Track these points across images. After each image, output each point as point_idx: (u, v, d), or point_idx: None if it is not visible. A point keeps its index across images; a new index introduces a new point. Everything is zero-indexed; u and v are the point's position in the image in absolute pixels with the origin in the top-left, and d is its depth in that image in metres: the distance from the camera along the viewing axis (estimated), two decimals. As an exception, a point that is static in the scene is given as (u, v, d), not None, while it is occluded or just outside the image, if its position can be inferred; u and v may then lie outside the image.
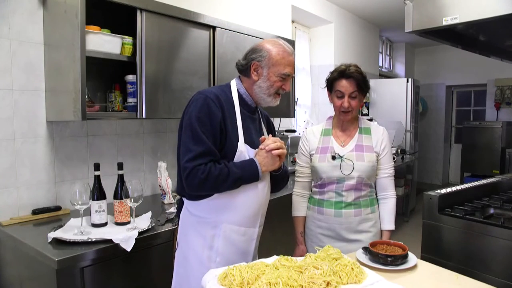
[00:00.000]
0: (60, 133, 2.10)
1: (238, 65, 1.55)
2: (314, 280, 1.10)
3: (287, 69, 1.50)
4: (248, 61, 1.50)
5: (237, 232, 1.50)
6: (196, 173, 1.37)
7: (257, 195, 1.53)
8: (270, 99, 1.53)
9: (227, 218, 1.48)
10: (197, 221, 1.49)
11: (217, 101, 1.44)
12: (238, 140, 1.47)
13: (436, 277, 1.36)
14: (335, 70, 1.79)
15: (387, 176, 1.85)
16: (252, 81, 1.52)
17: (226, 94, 1.50)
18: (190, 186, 1.41)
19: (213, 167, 1.38)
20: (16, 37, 1.92)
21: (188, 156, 1.38)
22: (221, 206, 1.47)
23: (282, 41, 1.54)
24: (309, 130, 1.95)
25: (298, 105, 4.22)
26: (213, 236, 1.48)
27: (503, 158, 5.83)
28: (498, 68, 6.19)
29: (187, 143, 1.41)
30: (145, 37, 2.04)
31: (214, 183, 1.39)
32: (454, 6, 1.67)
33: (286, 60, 1.49)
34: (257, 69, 1.49)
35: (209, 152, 1.40)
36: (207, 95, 1.44)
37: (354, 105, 1.76)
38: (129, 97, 2.11)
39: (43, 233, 1.67)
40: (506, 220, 1.78)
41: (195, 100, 1.44)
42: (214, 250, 1.47)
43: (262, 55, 1.47)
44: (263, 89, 1.51)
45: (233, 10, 3.20)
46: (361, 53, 5.44)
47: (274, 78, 1.49)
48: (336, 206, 1.79)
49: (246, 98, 1.55)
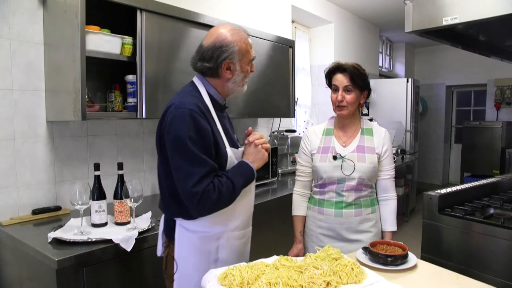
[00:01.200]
0: (60, 133, 2.10)
1: (204, 69, 1.41)
2: (314, 280, 1.10)
3: (252, 52, 1.46)
4: (218, 62, 1.39)
5: (238, 237, 1.47)
6: (208, 196, 1.27)
7: (250, 196, 1.52)
8: (244, 87, 1.49)
9: (230, 226, 1.44)
10: (198, 237, 1.39)
11: (202, 113, 1.33)
12: (226, 146, 1.41)
13: (436, 277, 1.36)
14: (332, 64, 1.81)
15: (388, 178, 1.84)
16: (224, 80, 1.42)
17: (201, 101, 1.38)
18: (202, 210, 1.32)
19: (219, 184, 1.31)
20: (16, 37, 1.92)
21: (192, 180, 1.26)
22: (224, 216, 1.41)
23: (235, 25, 1.47)
24: (311, 129, 1.94)
25: (298, 105, 4.22)
26: (217, 248, 1.42)
27: (503, 158, 5.84)
28: (498, 68, 6.19)
29: (185, 166, 1.28)
30: (145, 37, 2.04)
31: (225, 200, 1.34)
32: (454, 6, 1.67)
33: (249, 45, 1.44)
34: (229, 67, 1.40)
35: (213, 169, 1.32)
36: (190, 109, 1.30)
37: (349, 100, 1.75)
38: (129, 97, 2.11)
39: (43, 233, 1.67)
40: (506, 220, 1.78)
41: (178, 117, 1.30)
42: (219, 262, 1.42)
43: (232, 51, 1.38)
44: (237, 83, 1.45)
45: (233, 10, 3.20)
46: (361, 53, 5.44)
47: (246, 67, 1.45)
48: (336, 206, 1.79)
49: (216, 98, 1.46)
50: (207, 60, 1.40)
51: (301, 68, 4.57)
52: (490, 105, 6.84)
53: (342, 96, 1.75)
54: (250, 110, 2.86)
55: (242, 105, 2.76)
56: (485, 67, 6.42)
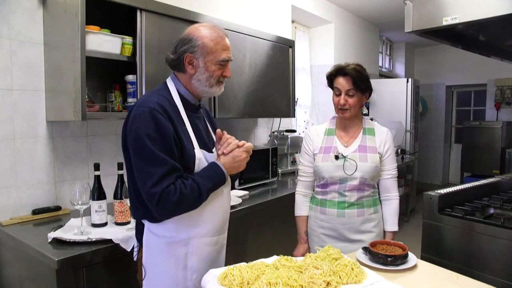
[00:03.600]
0: (60, 133, 2.10)
1: (169, 61, 1.39)
2: (314, 280, 1.10)
3: (224, 54, 1.37)
4: (179, 54, 1.34)
5: (209, 243, 1.39)
6: (167, 197, 1.21)
7: (224, 201, 1.45)
8: (213, 89, 1.40)
9: (199, 232, 1.36)
10: (166, 242, 1.34)
11: (164, 112, 1.28)
12: (194, 147, 1.35)
13: (436, 277, 1.36)
14: (333, 67, 1.81)
15: (390, 178, 1.84)
16: (188, 76, 1.37)
17: (167, 99, 1.34)
18: (162, 212, 1.26)
19: (182, 185, 1.25)
20: (16, 37, 1.92)
21: (151, 180, 1.22)
22: (191, 221, 1.34)
23: (216, 26, 1.41)
24: (313, 129, 1.94)
25: (298, 105, 4.22)
26: (186, 255, 1.35)
27: (503, 158, 5.83)
28: (498, 68, 6.19)
29: (143, 166, 1.24)
30: (145, 37, 2.04)
31: (188, 203, 1.27)
32: (454, 6, 1.67)
33: (221, 45, 1.36)
34: (191, 61, 1.35)
35: (173, 169, 1.25)
36: (150, 107, 1.26)
37: (352, 103, 1.75)
38: (129, 97, 2.11)
39: (43, 233, 1.67)
40: (506, 220, 1.78)
41: (138, 116, 1.26)
42: (189, 268, 1.36)
43: (195, 45, 1.33)
44: (202, 82, 1.37)
45: (233, 10, 3.20)
46: (361, 53, 5.44)
47: (213, 67, 1.36)
48: (339, 206, 1.79)
49: (188, 98, 1.41)
50: (172, 52, 1.39)
51: (301, 68, 4.57)
52: (490, 105, 6.84)
53: (345, 100, 1.75)
54: (250, 110, 2.86)
55: (242, 105, 2.76)
56: (485, 67, 6.41)
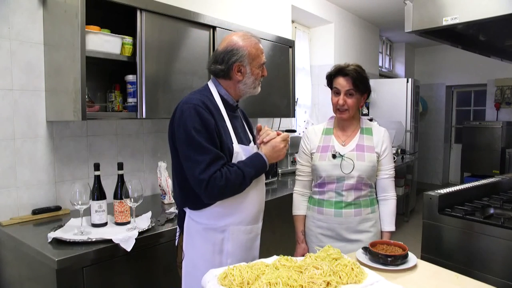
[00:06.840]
0: (60, 133, 2.10)
1: (216, 71, 1.53)
2: (314, 280, 1.10)
3: (263, 57, 1.56)
4: (229, 64, 1.49)
5: (244, 231, 1.53)
6: (215, 182, 1.36)
7: (259, 192, 1.58)
8: (257, 89, 1.58)
9: (234, 220, 1.50)
10: (204, 228, 1.49)
11: (206, 108, 1.43)
12: (233, 142, 1.49)
13: (436, 277, 1.36)
14: (334, 67, 1.81)
15: (387, 177, 1.84)
16: (235, 81, 1.53)
17: (209, 99, 1.50)
18: (210, 196, 1.41)
19: (228, 172, 1.39)
20: (16, 37, 1.92)
21: (199, 168, 1.37)
22: (227, 211, 1.48)
23: (248, 32, 1.57)
24: (310, 129, 1.95)
25: (298, 105, 4.22)
26: (222, 240, 1.49)
27: (503, 158, 5.84)
28: (498, 68, 6.19)
29: (192, 156, 1.39)
30: (145, 37, 2.04)
31: (233, 187, 1.41)
32: (454, 6, 1.67)
33: (260, 50, 1.54)
34: (240, 69, 1.51)
35: (218, 157, 1.40)
36: (194, 104, 1.42)
37: (350, 104, 1.76)
38: (129, 97, 2.11)
39: (43, 233, 1.67)
40: (506, 220, 1.78)
41: (185, 111, 1.42)
42: (225, 254, 1.50)
43: (242, 55, 1.49)
44: (248, 85, 1.54)
45: (233, 10, 3.20)
46: (361, 53, 5.44)
47: (257, 70, 1.54)
48: (336, 206, 1.79)
49: (227, 99, 1.56)
50: (220, 62, 1.51)
51: (301, 68, 4.57)
52: (490, 105, 6.84)
53: (344, 100, 1.75)
54: (250, 110, 2.85)
55: (242, 105, 2.74)
56: (485, 67, 6.42)
